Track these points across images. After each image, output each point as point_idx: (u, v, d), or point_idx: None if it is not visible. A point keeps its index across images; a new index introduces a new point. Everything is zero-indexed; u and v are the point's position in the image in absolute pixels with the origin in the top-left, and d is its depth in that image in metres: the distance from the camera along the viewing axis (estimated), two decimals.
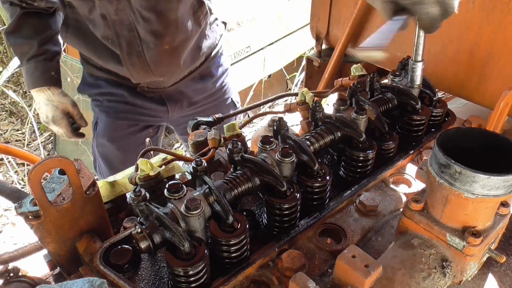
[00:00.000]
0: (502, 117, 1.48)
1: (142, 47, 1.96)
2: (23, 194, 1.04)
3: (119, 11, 1.83)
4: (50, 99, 2.09)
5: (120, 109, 2.29)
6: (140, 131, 2.42)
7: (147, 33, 1.91)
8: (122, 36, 1.92)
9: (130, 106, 2.29)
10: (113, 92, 2.25)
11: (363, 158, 1.22)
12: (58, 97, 2.10)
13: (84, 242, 1.01)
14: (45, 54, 2.05)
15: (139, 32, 1.92)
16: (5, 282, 0.95)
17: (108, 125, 2.35)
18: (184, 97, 2.33)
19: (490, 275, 1.17)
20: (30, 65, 2.05)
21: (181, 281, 0.89)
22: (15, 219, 3.90)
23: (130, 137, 2.40)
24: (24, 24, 2.01)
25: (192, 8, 2.01)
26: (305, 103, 1.51)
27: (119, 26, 1.88)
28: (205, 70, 2.32)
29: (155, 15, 1.85)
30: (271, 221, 1.07)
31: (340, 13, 2.11)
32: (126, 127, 2.37)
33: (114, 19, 1.86)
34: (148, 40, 1.94)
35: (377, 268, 0.85)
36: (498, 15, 1.47)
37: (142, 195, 0.94)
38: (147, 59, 2.00)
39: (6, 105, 5.41)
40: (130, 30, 1.90)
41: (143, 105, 2.29)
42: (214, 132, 1.36)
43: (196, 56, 2.19)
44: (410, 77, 1.36)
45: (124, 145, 2.39)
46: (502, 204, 0.97)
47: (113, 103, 2.29)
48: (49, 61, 2.07)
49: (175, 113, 2.38)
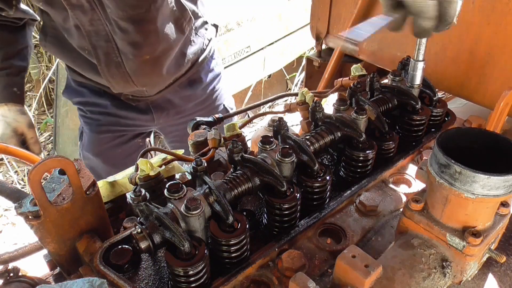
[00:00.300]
0: (502, 117, 1.48)
1: (121, 58, 1.86)
2: (23, 194, 1.04)
3: (94, 21, 1.73)
4: (4, 115, 1.95)
5: (103, 121, 2.20)
6: (127, 142, 2.33)
7: (126, 44, 1.81)
8: (99, 47, 1.81)
9: (113, 118, 2.19)
10: (96, 102, 2.16)
11: (363, 158, 1.22)
12: (13, 114, 1.96)
13: (84, 242, 1.01)
14: (9, 69, 1.96)
15: (116, 43, 1.81)
16: (5, 282, 0.95)
17: (92, 139, 2.26)
18: (171, 105, 2.22)
19: (490, 275, 1.17)
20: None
21: (181, 281, 0.89)
22: (15, 219, 3.90)
23: (116, 149, 2.31)
24: None
25: (173, 16, 1.89)
26: (305, 103, 1.51)
27: (95, 37, 1.78)
28: (194, 76, 2.21)
29: (133, 25, 1.75)
30: (271, 221, 1.07)
31: (340, 13, 2.11)
32: (111, 140, 2.28)
33: (89, 29, 1.75)
34: (127, 51, 1.84)
35: (377, 268, 0.85)
36: (498, 15, 1.47)
37: (142, 195, 0.94)
38: (127, 69, 1.90)
39: None
40: (107, 41, 1.80)
41: (127, 115, 2.20)
42: (214, 132, 1.36)
43: (181, 63, 2.08)
44: (410, 76, 1.36)
45: (111, 158, 2.31)
46: (502, 204, 0.97)
47: (96, 114, 2.20)
48: (13, 76, 1.97)
49: (161, 121, 2.27)
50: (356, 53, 2.03)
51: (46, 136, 5.02)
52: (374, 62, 2.04)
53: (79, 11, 1.69)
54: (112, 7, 1.68)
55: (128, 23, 1.74)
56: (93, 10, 1.70)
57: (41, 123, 5.14)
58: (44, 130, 5.07)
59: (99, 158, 2.29)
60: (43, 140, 4.97)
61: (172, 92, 2.17)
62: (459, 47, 1.63)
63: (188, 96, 2.24)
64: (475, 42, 1.57)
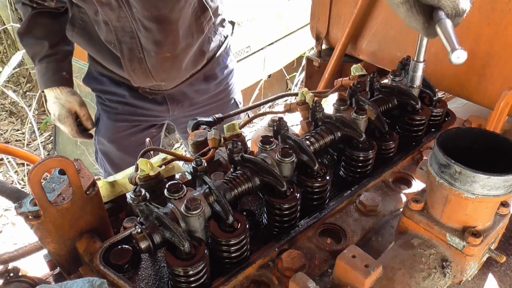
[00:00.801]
0: (502, 117, 1.48)
1: (144, 54, 1.95)
2: (23, 194, 1.04)
3: (121, 18, 1.82)
4: (58, 97, 2.14)
5: (120, 110, 2.29)
6: (142, 131, 2.42)
7: (149, 42, 1.90)
8: (124, 43, 1.91)
9: (131, 108, 2.29)
10: (114, 91, 2.26)
11: (363, 158, 1.22)
12: (65, 96, 2.15)
13: (84, 242, 1.01)
14: (57, 54, 2.10)
15: (140, 40, 1.91)
16: (5, 282, 0.95)
17: (109, 127, 2.36)
18: (186, 97, 2.32)
19: (490, 275, 1.17)
20: (42, 65, 2.10)
21: (181, 281, 0.89)
22: (15, 219, 3.90)
23: (131, 138, 2.40)
24: (35, 25, 2.04)
25: (195, 15, 1.99)
26: (305, 103, 1.51)
27: (121, 33, 1.88)
28: (209, 72, 2.30)
29: (156, 24, 1.84)
30: (271, 221, 1.07)
31: (340, 13, 2.11)
32: (127, 128, 2.37)
33: (116, 25, 1.85)
34: (150, 48, 1.93)
35: (377, 268, 0.85)
36: (498, 15, 1.47)
37: (142, 195, 0.94)
38: (148, 65, 1.99)
39: (6, 105, 5.42)
40: (132, 37, 1.90)
41: (144, 106, 2.29)
42: (214, 132, 1.36)
43: (199, 60, 2.18)
44: (410, 77, 1.36)
45: (125, 146, 2.40)
46: (502, 204, 0.97)
47: (114, 103, 2.29)
48: (60, 61, 2.12)
49: (176, 112, 2.37)
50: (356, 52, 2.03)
51: (46, 136, 5.02)
52: (374, 62, 2.04)
53: (107, 8, 1.78)
54: (138, 7, 1.76)
55: (152, 22, 1.83)
56: (120, 8, 1.78)
57: (41, 123, 5.14)
58: (44, 130, 5.07)
59: (114, 144, 2.39)
60: (43, 140, 4.98)
61: (187, 85, 2.26)
62: None
63: (203, 90, 2.34)
64: (475, 42, 1.57)
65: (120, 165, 2.45)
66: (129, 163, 2.40)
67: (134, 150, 2.25)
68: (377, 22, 1.94)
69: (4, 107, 5.43)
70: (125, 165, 2.41)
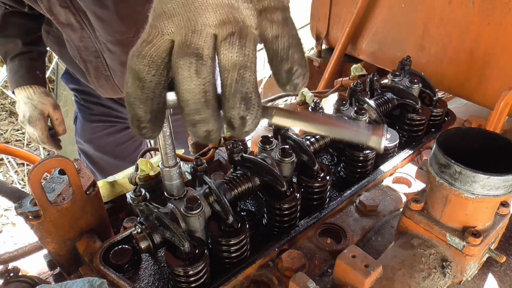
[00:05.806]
0: (502, 117, 1.48)
1: (110, 72, 1.88)
2: (23, 194, 1.04)
3: (84, 39, 1.75)
4: (30, 98, 1.96)
5: (95, 111, 2.24)
6: (119, 132, 2.36)
7: (114, 63, 1.83)
8: (89, 62, 1.83)
9: (106, 109, 2.23)
10: (90, 92, 2.19)
11: (363, 158, 1.22)
12: (38, 96, 1.97)
13: (84, 242, 1.01)
14: (31, 52, 1.97)
15: (106, 60, 1.83)
16: (5, 282, 0.95)
17: (85, 127, 2.30)
18: None
19: (490, 275, 1.17)
20: (14, 63, 1.96)
21: (181, 281, 0.89)
22: (15, 219, 3.90)
23: (108, 138, 2.34)
24: (8, 24, 1.93)
25: None
26: (305, 103, 1.51)
27: (85, 52, 1.80)
28: None
29: (121, 47, 1.75)
30: (271, 221, 1.07)
31: (340, 13, 2.12)
32: (103, 129, 2.31)
33: (79, 45, 1.77)
34: (116, 68, 1.86)
35: (377, 268, 0.85)
36: (498, 15, 1.47)
37: (142, 195, 0.94)
38: (115, 82, 1.92)
39: (6, 105, 5.41)
40: (97, 57, 1.82)
41: (118, 108, 2.24)
42: None
43: None
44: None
45: (102, 146, 2.35)
46: (502, 204, 0.97)
47: (90, 103, 2.23)
48: (35, 60, 1.99)
49: None
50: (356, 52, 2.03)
51: None
52: (374, 62, 2.04)
53: (68, 29, 1.71)
54: (101, 32, 1.69)
55: (116, 46, 1.75)
56: (83, 29, 1.71)
57: None
58: None
59: (91, 145, 2.33)
60: None
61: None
62: (459, 47, 1.63)
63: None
64: (475, 42, 1.57)
65: (100, 164, 2.39)
66: (108, 163, 2.38)
67: (113, 151, 2.17)
68: (377, 22, 1.95)
69: (4, 107, 5.43)
70: (105, 164, 2.40)
